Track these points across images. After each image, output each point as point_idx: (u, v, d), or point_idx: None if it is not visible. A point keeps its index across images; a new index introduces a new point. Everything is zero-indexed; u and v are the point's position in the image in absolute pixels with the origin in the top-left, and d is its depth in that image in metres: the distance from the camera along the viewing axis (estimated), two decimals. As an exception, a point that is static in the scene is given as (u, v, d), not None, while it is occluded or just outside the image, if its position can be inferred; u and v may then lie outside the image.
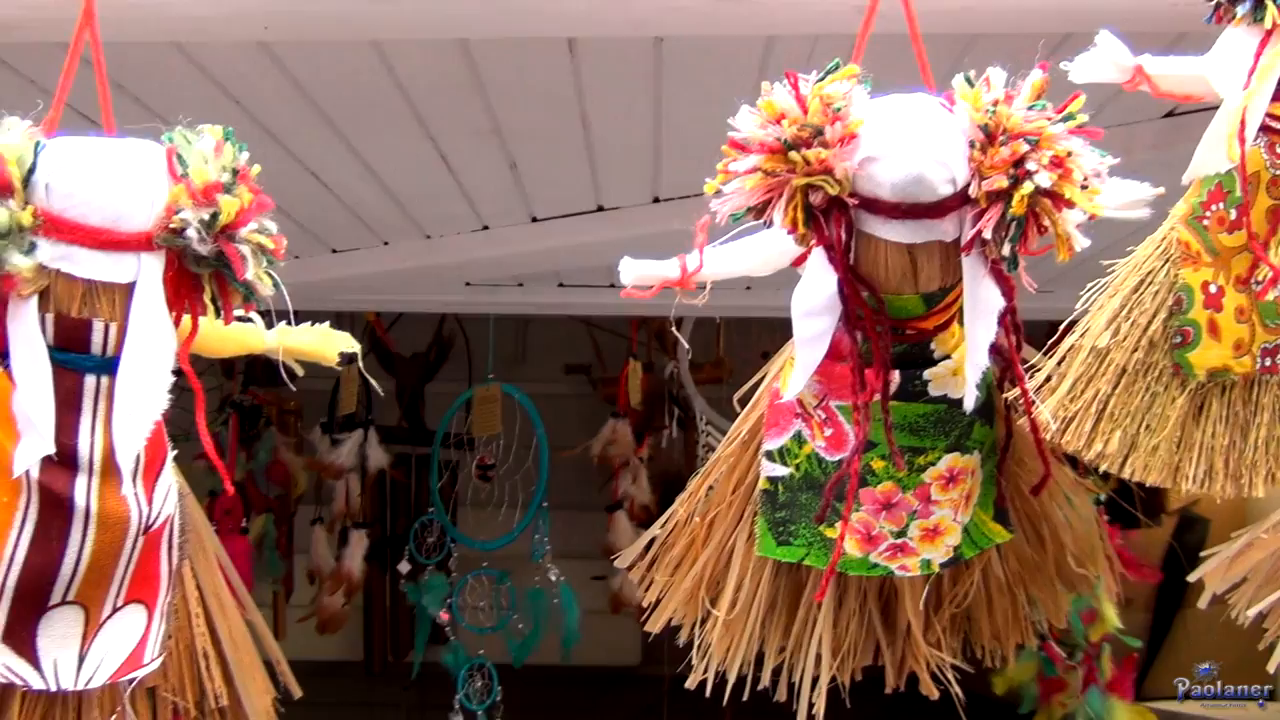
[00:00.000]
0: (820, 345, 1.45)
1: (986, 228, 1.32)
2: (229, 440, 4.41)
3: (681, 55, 2.00)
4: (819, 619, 1.68)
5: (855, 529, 1.59)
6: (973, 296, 1.39)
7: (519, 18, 1.69)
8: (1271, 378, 1.58)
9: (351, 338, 1.67)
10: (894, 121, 1.34)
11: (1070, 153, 1.31)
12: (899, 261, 1.41)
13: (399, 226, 3.23)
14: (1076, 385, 1.51)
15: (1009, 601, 1.74)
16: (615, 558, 1.81)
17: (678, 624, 1.75)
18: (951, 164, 1.32)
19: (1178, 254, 1.53)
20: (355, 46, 1.94)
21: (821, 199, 1.34)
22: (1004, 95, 1.33)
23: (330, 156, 2.57)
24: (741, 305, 3.67)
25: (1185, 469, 1.55)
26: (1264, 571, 1.68)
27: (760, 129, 1.34)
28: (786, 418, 1.61)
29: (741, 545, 1.68)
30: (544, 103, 2.24)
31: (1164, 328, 1.53)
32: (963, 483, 1.59)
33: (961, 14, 1.65)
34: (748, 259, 1.51)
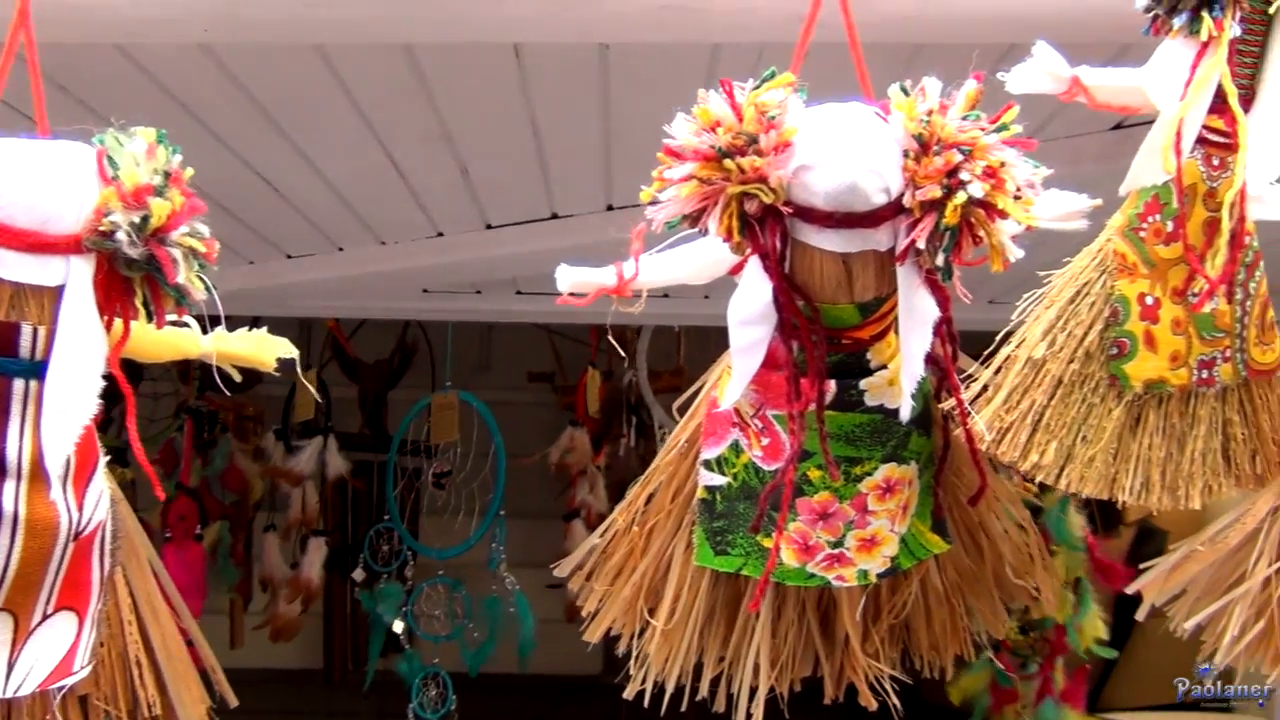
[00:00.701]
0: (756, 354, 1.45)
1: (920, 237, 1.32)
2: (184, 446, 4.37)
3: (628, 62, 2.00)
4: (757, 629, 1.67)
5: (792, 539, 1.59)
6: (907, 306, 1.39)
7: (461, 23, 1.68)
8: (1208, 390, 1.58)
9: (289, 343, 1.66)
10: (828, 130, 1.34)
11: (1004, 163, 1.31)
12: (834, 271, 1.40)
13: (353, 232, 3.21)
14: (1012, 396, 1.50)
15: (947, 612, 1.74)
16: (555, 566, 1.79)
17: (617, 633, 1.74)
18: (885, 173, 1.32)
19: (1114, 265, 1.53)
20: (298, 50, 1.93)
21: (756, 207, 1.33)
22: (939, 105, 1.33)
23: (279, 160, 2.55)
24: (701, 314, 3.67)
25: (1122, 481, 1.55)
26: (1202, 584, 1.68)
27: (695, 137, 1.33)
28: (724, 427, 1.60)
29: (680, 554, 1.67)
30: (492, 109, 2.24)
31: (1100, 339, 1.52)
32: (899, 493, 1.59)
33: (904, 23, 1.64)
34: (684, 267, 1.50)
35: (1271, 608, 1.62)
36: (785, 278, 1.40)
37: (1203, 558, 1.66)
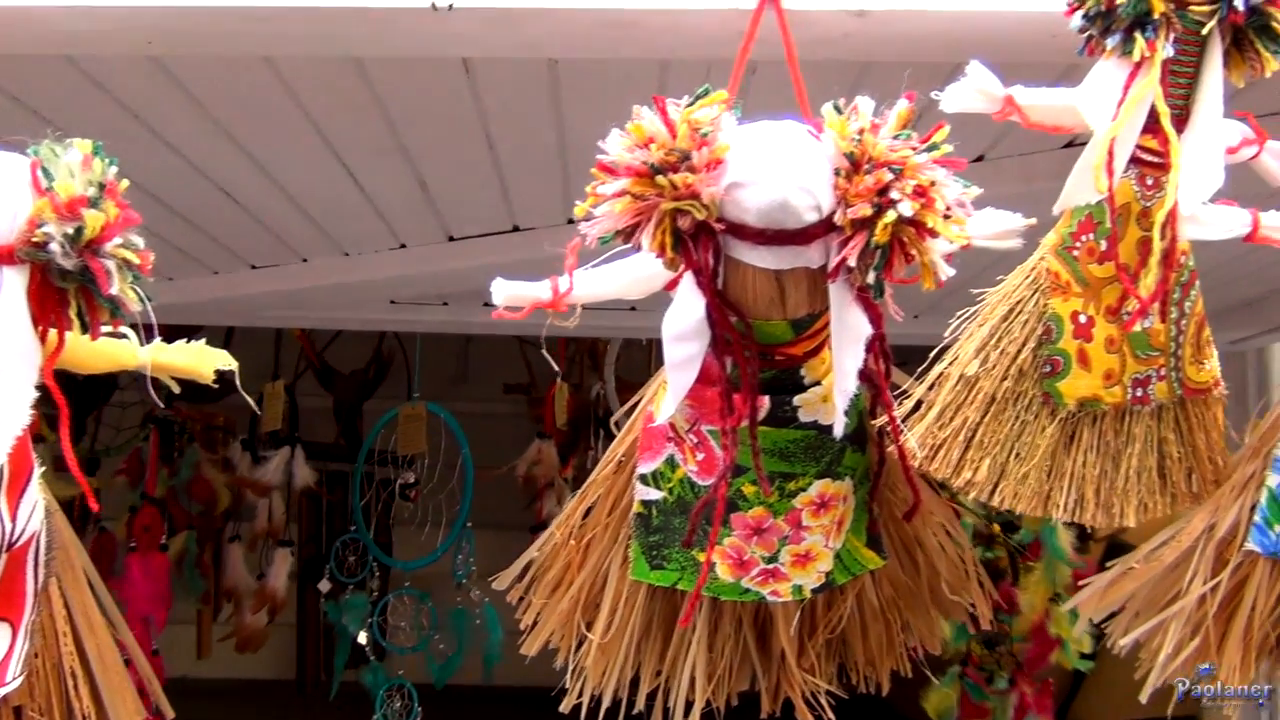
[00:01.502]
0: (690, 369, 1.45)
1: (851, 255, 1.32)
2: (149, 456, 4.36)
3: (578, 77, 2.00)
4: (693, 643, 1.67)
5: (727, 554, 1.59)
6: (839, 323, 1.40)
7: (409, 37, 1.68)
8: (1143, 408, 1.59)
9: (228, 355, 1.65)
10: (760, 148, 1.34)
11: (934, 182, 1.31)
12: (766, 287, 1.41)
13: (316, 243, 3.21)
14: (945, 413, 1.51)
15: (883, 627, 1.75)
16: (493, 579, 1.79)
17: (555, 646, 1.74)
18: (816, 191, 1.32)
19: (1047, 284, 1.54)
20: (248, 62, 1.93)
21: (689, 223, 1.33)
22: (870, 124, 1.33)
23: (237, 172, 2.55)
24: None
25: (1056, 498, 1.56)
26: (1140, 600, 1.69)
27: (628, 153, 1.33)
28: (659, 442, 1.61)
29: (616, 568, 1.67)
30: (446, 122, 2.24)
31: (1033, 357, 1.53)
32: (834, 509, 1.59)
33: (844, 40, 1.65)
34: (619, 281, 1.50)
35: (1207, 625, 1.62)
36: (718, 294, 1.40)
37: (1138, 575, 1.66)
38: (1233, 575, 1.62)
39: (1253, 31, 1.47)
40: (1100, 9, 1.46)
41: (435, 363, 4.85)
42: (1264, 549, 1.59)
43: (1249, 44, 1.49)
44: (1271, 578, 1.62)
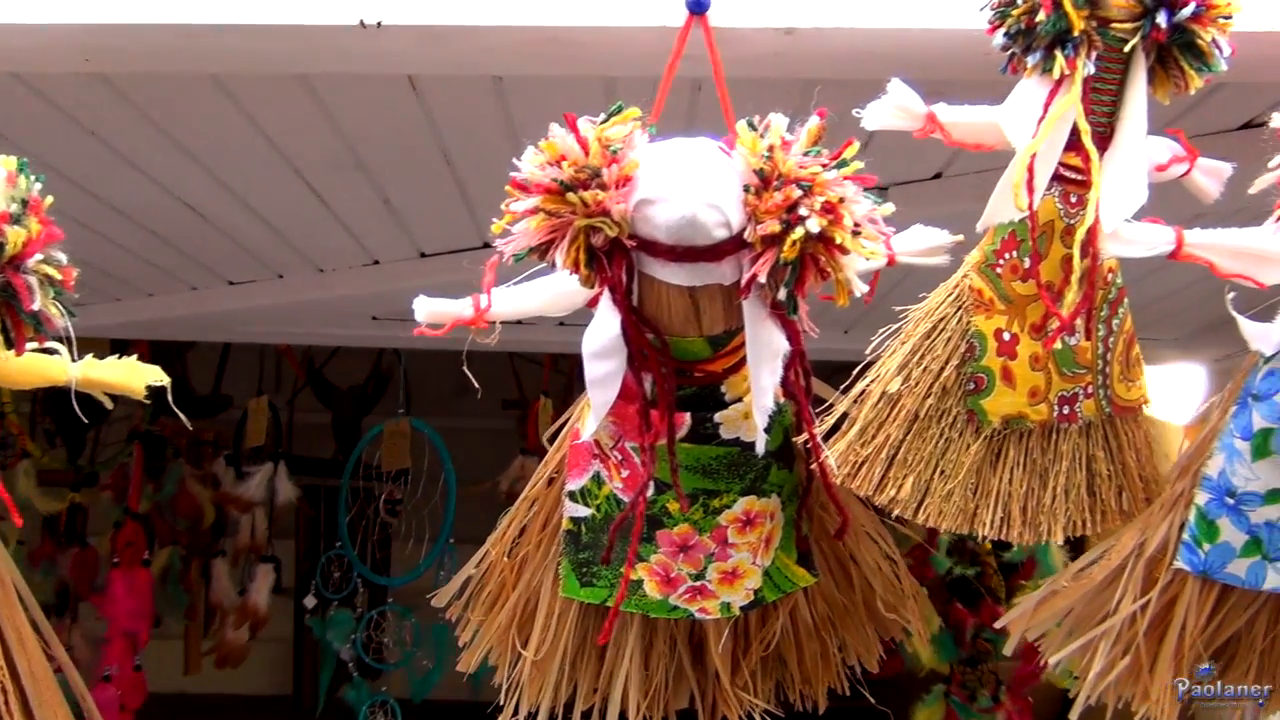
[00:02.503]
0: (610, 386, 1.45)
1: (761, 271, 1.32)
2: (133, 471, 4.37)
3: (525, 95, 2.01)
4: (627, 661, 1.67)
5: (654, 571, 1.59)
6: (755, 340, 1.40)
7: (342, 54, 1.68)
8: (1070, 426, 1.59)
9: (160, 370, 1.66)
10: (669, 165, 1.34)
11: (842, 199, 1.31)
12: (681, 304, 1.41)
13: (289, 260, 3.22)
14: (867, 430, 1.51)
15: (818, 645, 1.74)
16: (432, 596, 1.79)
17: (494, 664, 1.74)
18: (725, 207, 1.32)
19: (970, 301, 1.53)
20: (196, 79, 1.94)
21: (602, 240, 1.34)
22: (781, 141, 1.33)
23: (200, 189, 2.56)
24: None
25: (982, 515, 1.55)
26: (1074, 619, 1.68)
27: (540, 170, 1.34)
28: (585, 459, 1.61)
29: (548, 586, 1.67)
30: (401, 139, 2.25)
31: (957, 374, 1.53)
32: (761, 526, 1.59)
33: (775, 59, 1.65)
34: (539, 298, 1.51)
35: (1138, 643, 1.61)
36: (633, 310, 1.40)
37: (1069, 594, 1.66)
38: (1163, 594, 1.61)
39: (1177, 49, 1.47)
40: (1021, 27, 1.45)
41: (434, 378, 4.84)
42: (1193, 567, 1.58)
43: (1173, 61, 1.48)
44: (1202, 596, 1.61)
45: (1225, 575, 1.58)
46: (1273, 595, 1.61)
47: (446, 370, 6.62)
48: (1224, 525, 1.56)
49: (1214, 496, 1.56)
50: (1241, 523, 1.55)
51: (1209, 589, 1.61)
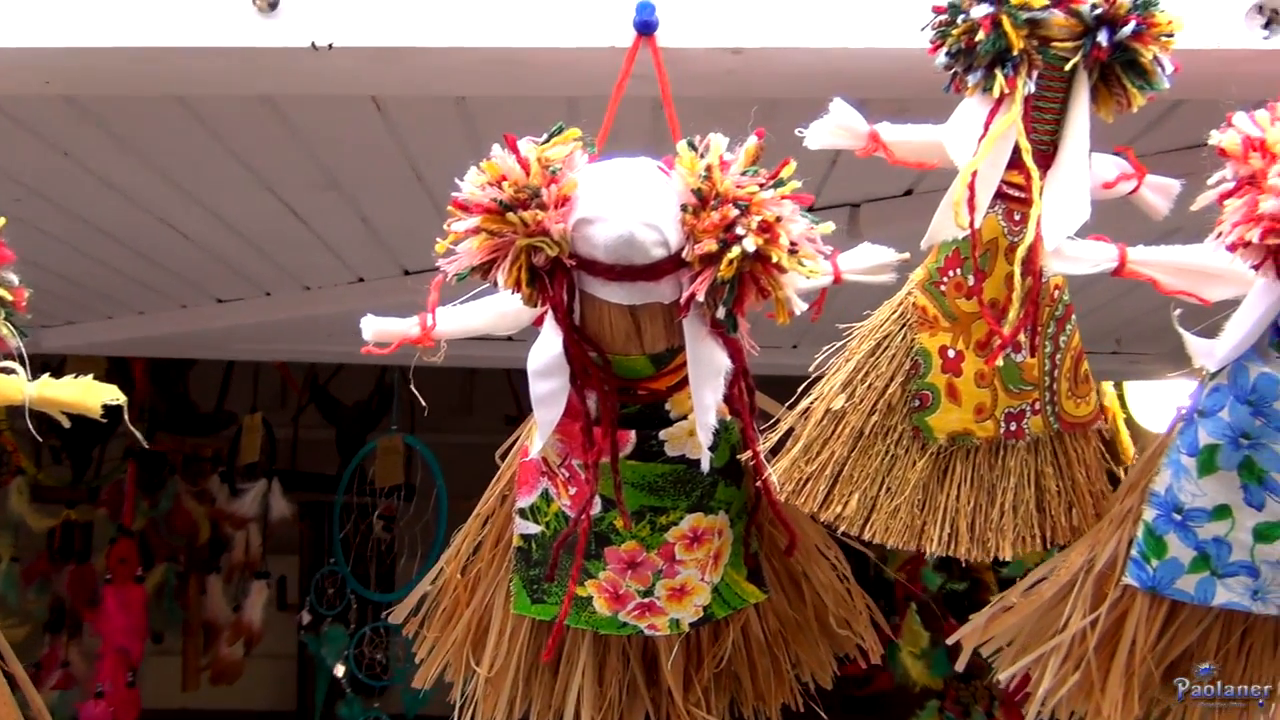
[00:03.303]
0: (555, 404, 1.46)
1: (700, 290, 1.33)
2: (126, 489, 4.39)
3: (488, 115, 2.02)
4: (580, 678, 1.68)
5: (603, 588, 1.60)
6: (695, 358, 1.41)
7: (296, 76, 1.70)
8: (1017, 442, 1.59)
9: (117, 389, 1.67)
10: (608, 185, 1.35)
11: (779, 218, 1.32)
12: (622, 322, 1.42)
13: (274, 277, 3.25)
14: (811, 447, 1.51)
15: (770, 661, 1.75)
16: (388, 613, 1.80)
17: (450, 680, 1.75)
18: (663, 227, 1.33)
19: (914, 318, 1.54)
20: (163, 102, 1.96)
21: (543, 260, 1.35)
22: (720, 161, 1.34)
23: (179, 209, 2.59)
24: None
25: (930, 532, 1.55)
26: (1026, 634, 1.68)
27: (480, 190, 1.35)
28: (534, 476, 1.62)
29: (500, 602, 1.68)
30: (370, 157, 2.26)
31: (902, 391, 1.53)
32: (708, 543, 1.60)
33: (725, 78, 1.66)
34: (484, 317, 1.53)
35: (1088, 659, 1.61)
36: (575, 329, 1.41)
37: (1019, 610, 1.66)
38: (1112, 610, 1.61)
39: (1119, 67, 1.48)
40: (961, 47, 1.46)
41: (440, 394, 4.86)
42: (1141, 583, 1.58)
43: (1116, 80, 1.49)
44: (1151, 612, 1.61)
45: (1174, 591, 1.58)
46: (1224, 611, 1.61)
47: (449, 386, 6.66)
48: (1172, 541, 1.56)
49: (1161, 513, 1.56)
50: (1189, 539, 1.55)
51: (1158, 605, 1.61)
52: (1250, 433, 1.49)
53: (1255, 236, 1.32)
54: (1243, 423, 1.49)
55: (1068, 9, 1.45)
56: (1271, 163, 1.32)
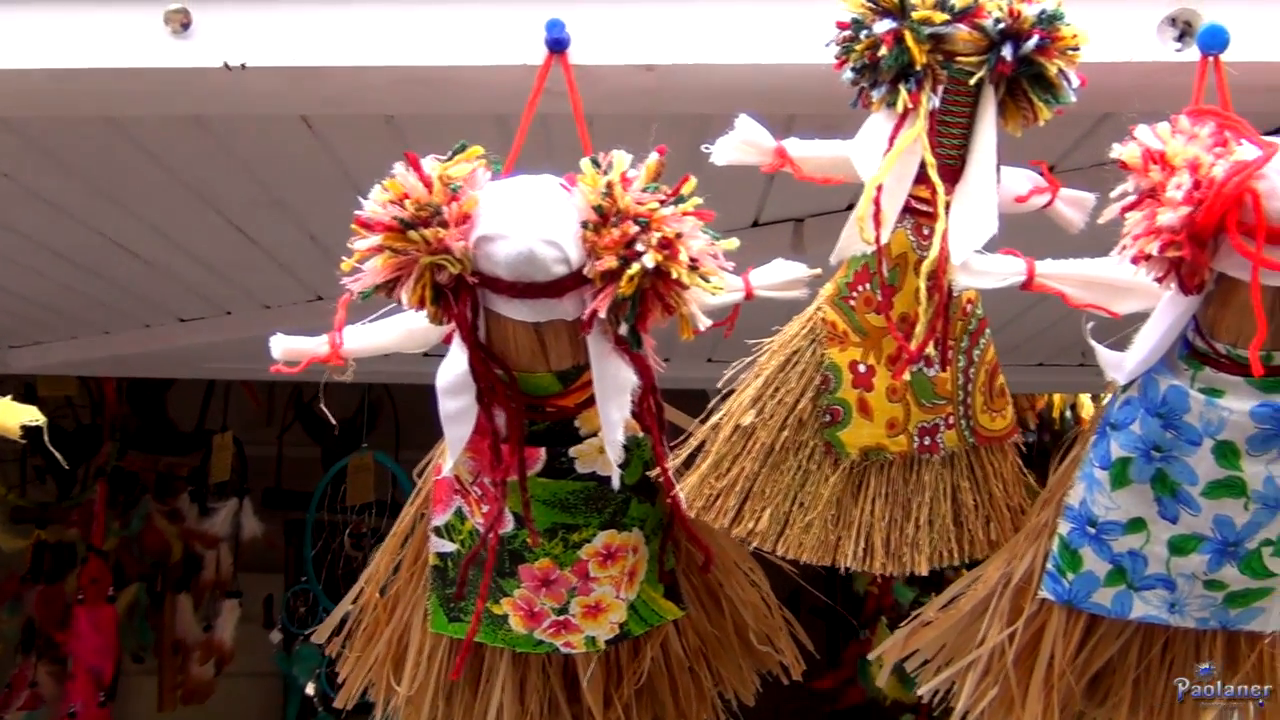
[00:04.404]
0: (464, 422, 1.46)
1: (601, 307, 1.33)
2: (95, 508, 4.39)
3: (420, 133, 2.02)
4: (499, 696, 1.68)
5: (518, 606, 1.60)
6: (601, 375, 1.41)
7: (213, 95, 1.70)
8: (932, 456, 1.59)
9: (36, 410, 1.67)
10: (508, 202, 1.36)
11: (679, 234, 1.32)
12: (527, 340, 1.42)
13: (233, 296, 3.25)
14: (721, 463, 1.51)
15: (691, 678, 1.74)
16: (323, 634, 1.80)
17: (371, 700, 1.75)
18: (563, 244, 1.33)
19: (824, 333, 1.54)
20: (93, 122, 1.96)
21: (447, 277, 1.35)
22: (621, 177, 1.34)
23: (128, 230, 2.59)
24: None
25: (845, 547, 1.55)
26: (948, 649, 1.68)
27: (382, 208, 1.35)
28: (448, 494, 1.62)
29: (419, 621, 1.68)
30: (309, 176, 2.26)
31: (813, 406, 1.53)
32: (622, 560, 1.60)
33: (641, 96, 1.67)
34: (392, 335, 1.53)
35: (1007, 673, 1.61)
36: (480, 346, 1.41)
37: (938, 624, 1.66)
38: (1029, 623, 1.61)
39: (1025, 81, 1.48)
40: (865, 62, 1.47)
41: (422, 411, 4.85)
42: (1057, 596, 1.58)
43: (1022, 94, 1.49)
44: (1069, 625, 1.61)
45: (1091, 605, 1.58)
46: (1143, 624, 1.61)
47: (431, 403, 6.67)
48: (1087, 555, 1.56)
49: (1076, 526, 1.56)
50: (1104, 552, 1.55)
51: (1076, 618, 1.61)
52: (1162, 445, 1.49)
53: (1154, 249, 1.32)
54: (1154, 435, 1.49)
55: (972, 24, 1.45)
56: (1170, 175, 1.32)
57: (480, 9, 1.63)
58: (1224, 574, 1.54)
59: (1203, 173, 1.30)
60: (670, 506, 1.62)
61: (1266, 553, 1.53)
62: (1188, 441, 1.47)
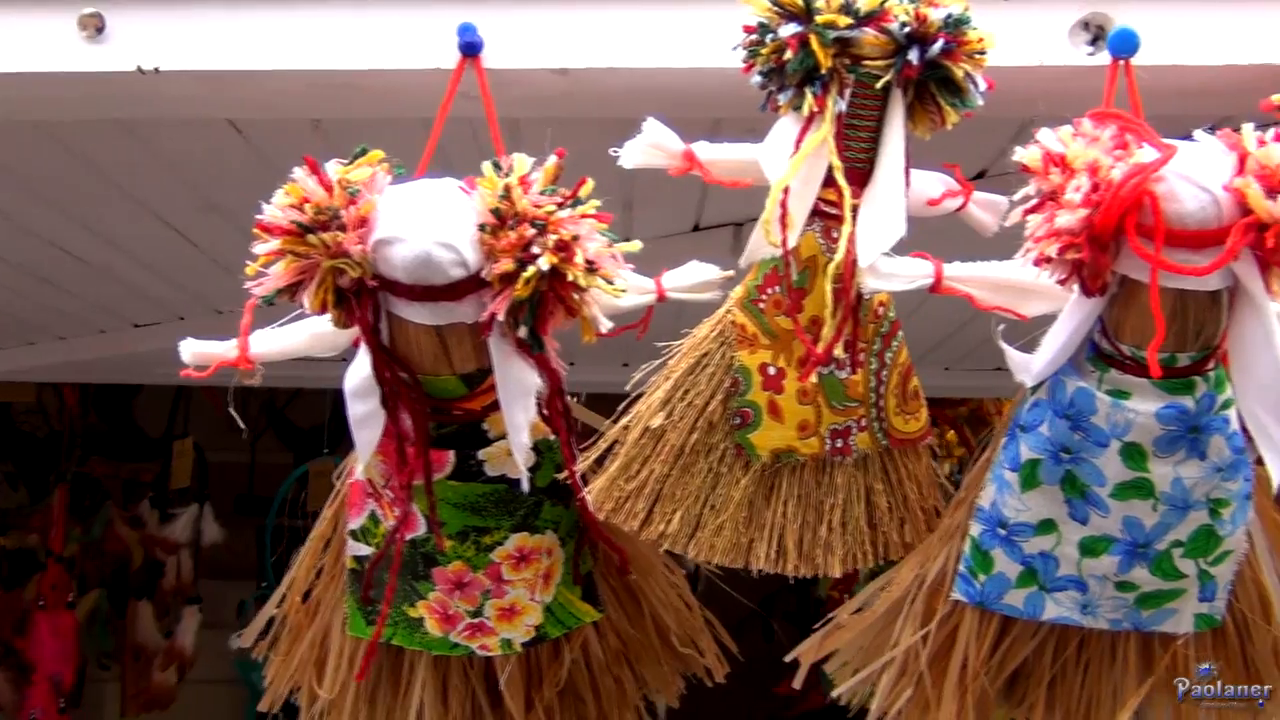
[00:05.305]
0: (373, 425, 1.47)
1: (499, 310, 1.34)
2: (55, 514, 4.38)
3: (348, 137, 2.01)
4: (419, 699, 1.68)
5: (433, 609, 1.60)
6: (504, 378, 1.41)
7: (127, 100, 1.71)
8: (845, 459, 1.60)
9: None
10: (406, 205, 1.36)
11: (576, 237, 1.33)
12: (429, 343, 1.42)
13: (184, 302, 3.24)
14: (630, 466, 1.51)
15: (613, 680, 1.74)
16: (237, 635, 1.80)
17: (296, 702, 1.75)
18: (460, 246, 1.34)
19: (734, 336, 1.54)
20: (18, 127, 1.96)
21: (348, 281, 1.35)
22: (520, 180, 1.35)
23: (71, 236, 2.59)
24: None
25: (757, 549, 1.55)
26: (864, 650, 1.68)
27: (282, 212, 1.36)
28: (362, 498, 1.62)
29: (338, 624, 1.68)
30: (242, 180, 2.25)
31: (723, 409, 1.53)
32: (536, 562, 1.60)
33: (559, 100, 1.67)
34: (299, 339, 1.53)
35: (921, 674, 1.61)
36: (383, 349, 1.42)
37: (854, 624, 1.66)
38: (943, 625, 1.61)
39: (933, 85, 1.49)
40: (772, 66, 1.47)
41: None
42: (969, 598, 1.58)
43: (930, 97, 1.50)
44: (982, 627, 1.61)
45: (1002, 606, 1.58)
46: (1057, 625, 1.61)
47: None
48: (998, 556, 1.56)
49: (987, 527, 1.56)
50: (1015, 553, 1.56)
51: (989, 619, 1.61)
52: (1070, 447, 1.49)
53: (1054, 251, 1.33)
54: (1062, 437, 1.49)
55: (879, 27, 1.46)
56: (1070, 178, 1.33)
57: (395, 14, 1.64)
58: (1135, 575, 1.55)
59: (1101, 175, 1.30)
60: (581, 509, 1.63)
61: (1176, 554, 1.54)
62: (1095, 443, 1.48)
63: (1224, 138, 1.36)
